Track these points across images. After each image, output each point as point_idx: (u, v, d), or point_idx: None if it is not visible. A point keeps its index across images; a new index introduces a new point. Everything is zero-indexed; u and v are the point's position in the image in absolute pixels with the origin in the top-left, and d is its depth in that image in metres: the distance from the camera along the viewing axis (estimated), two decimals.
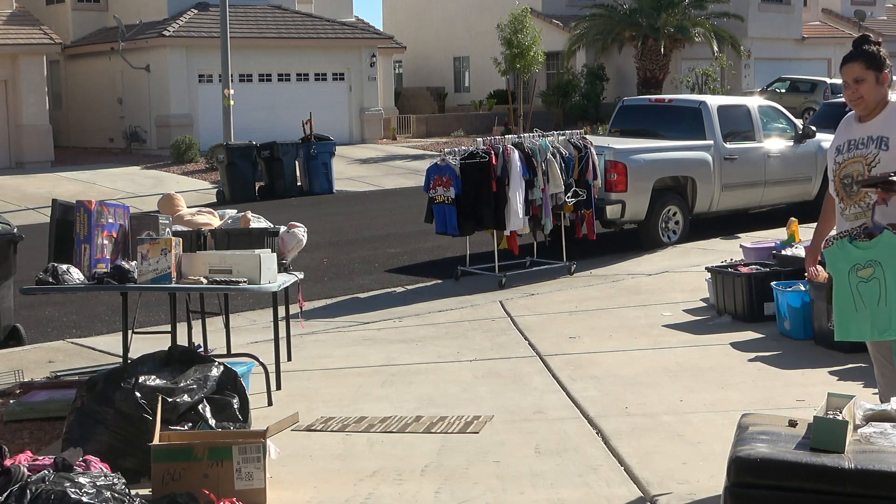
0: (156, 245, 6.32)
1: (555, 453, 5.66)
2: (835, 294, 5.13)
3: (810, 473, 3.92)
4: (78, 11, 34.50)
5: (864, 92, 5.27)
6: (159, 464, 4.92)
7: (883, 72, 5.26)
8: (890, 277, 4.93)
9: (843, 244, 5.08)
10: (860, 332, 5.08)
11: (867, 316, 5.00)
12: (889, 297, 4.94)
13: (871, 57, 5.28)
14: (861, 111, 5.36)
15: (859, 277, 5.00)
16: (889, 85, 5.26)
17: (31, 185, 25.06)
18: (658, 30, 36.29)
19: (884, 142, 5.24)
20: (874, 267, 4.96)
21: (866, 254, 4.99)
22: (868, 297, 4.99)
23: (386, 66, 38.35)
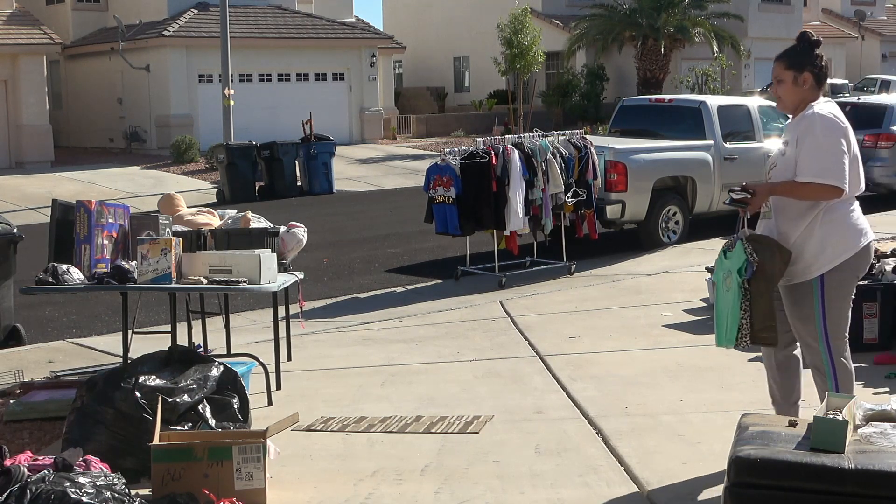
0: (156, 245, 6.32)
1: (555, 453, 5.65)
2: (716, 301, 5.25)
3: (810, 473, 3.92)
4: (78, 11, 34.50)
5: (782, 92, 5.23)
6: (159, 464, 4.92)
7: (802, 73, 5.15)
8: (735, 287, 5.04)
9: (721, 255, 5.19)
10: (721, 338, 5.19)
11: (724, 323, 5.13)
12: (734, 307, 5.05)
13: (792, 57, 5.21)
14: (782, 111, 5.35)
15: (725, 286, 5.13)
16: (809, 86, 5.17)
17: (31, 185, 25.06)
18: (658, 30, 36.28)
19: (786, 145, 5.23)
20: (731, 277, 5.09)
21: (728, 264, 5.12)
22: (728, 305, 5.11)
23: (386, 66, 38.35)
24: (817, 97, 5.20)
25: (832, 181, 4.97)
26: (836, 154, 5.01)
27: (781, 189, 5.09)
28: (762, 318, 5.01)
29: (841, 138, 5.05)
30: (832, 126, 5.05)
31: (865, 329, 7.47)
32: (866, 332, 7.47)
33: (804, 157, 5.03)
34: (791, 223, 5.10)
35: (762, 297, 5.00)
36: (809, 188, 5.01)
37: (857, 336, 7.46)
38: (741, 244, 5.05)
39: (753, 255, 4.99)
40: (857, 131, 17.53)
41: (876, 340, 7.46)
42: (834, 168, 4.98)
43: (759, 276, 4.98)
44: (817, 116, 5.06)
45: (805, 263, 5.06)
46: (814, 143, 5.02)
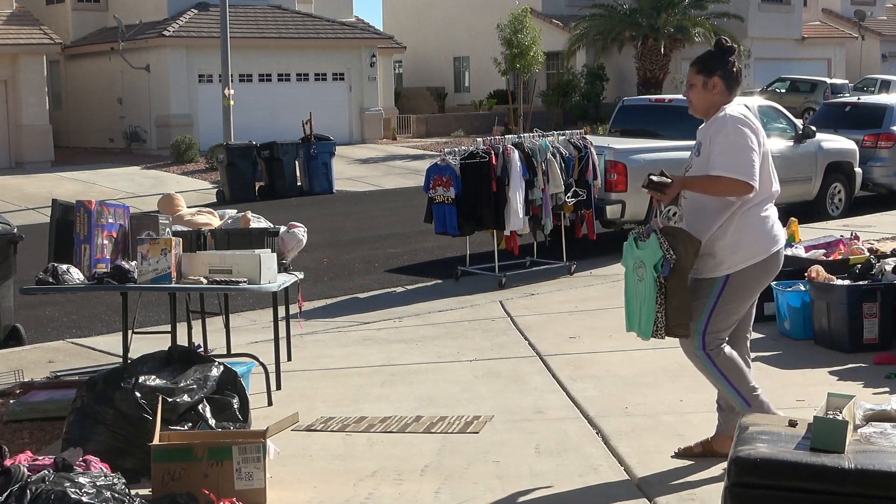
0: (156, 245, 6.32)
1: (555, 453, 5.66)
2: (625, 288, 5.35)
3: (810, 473, 3.92)
4: (78, 11, 34.50)
5: (693, 97, 5.31)
6: (159, 464, 4.92)
7: (712, 78, 5.25)
8: (649, 280, 5.10)
9: (631, 242, 5.24)
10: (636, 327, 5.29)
11: (638, 312, 5.22)
12: (648, 298, 5.13)
13: (703, 62, 5.32)
14: (694, 114, 5.39)
15: (636, 275, 5.20)
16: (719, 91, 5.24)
17: (31, 185, 25.06)
18: (658, 30, 36.28)
19: (699, 147, 5.28)
20: (643, 268, 5.15)
21: (641, 254, 5.16)
22: (640, 295, 5.20)
23: (386, 66, 38.35)
24: (728, 101, 5.28)
25: (742, 176, 5.03)
26: (745, 151, 5.08)
27: (694, 182, 5.15)
28: (676, 314, 5.08)
29: (751, 136, 5.13)
30: (743, 124, 5.14)
31: (865, 329, 7.47)
32: (866, 332, 7.47)
33: (716, 154, 5.11)
34: (705, 223, 5.16)
35: (677, 293, 5.07)
36: (720, 182, 5.06)
37: (857, 336, 7.47)
38: (656, 237, 5.08)
39: (670, 251, 5.03)
40: (857, 131, 17.51)
41: (876, 340, 7.46)
42: (744, 164, 5.05)
43: (676, 271, 5.04)
44: (728, 117, 5.16)
45: (715, 261, 5.16)
46: (725, 140, 5.10)
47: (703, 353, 5.21)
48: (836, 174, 15.31)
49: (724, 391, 5.28)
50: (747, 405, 5.19)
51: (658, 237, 5.06)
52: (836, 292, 7.58)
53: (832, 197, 15.38)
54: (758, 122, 5.24)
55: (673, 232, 5.09)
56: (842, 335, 7.52)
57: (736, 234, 5.14)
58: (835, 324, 7.57)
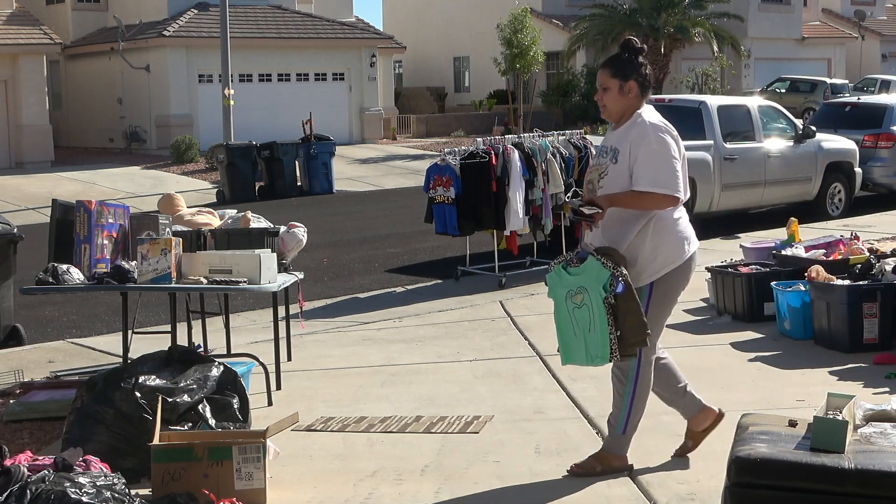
0: (156, 245, 6.32)
1: (555, 453, 5.65)
2: (556, 319, 5.15)
3: (810, 473, 3.93)
4: (78, 11, 34.51)
5: (607, 101, 5.20)
6: (159, 464, 4.92)
7: (628, 81, 5.15)
8: (595, 304, 4.96)
9: (559, 270, 5.08)
10: (579, 358, 5.12)
11: (582, 342, 5.04)
12: (597, 323, 4.97)
13: (617, 65, 5.21)
14: (608, 119, 5.29)
15: (573, 303, 5.02)
16: (635, 95, 5.17)
17: (31, 185, 25.06)
18: (658, 30, 36.28)
19: (616, 154, 5.15)
20: (583, 293, 4.99)
21: (577, 280, 5.00)
22: (581, 323, 5.02)
23: (386, 66, 38.35)
24: (642, 105, 5.20)
25: (670, 191, 5.01)
26: (671, 163, 5.03)
27: (621, 200, 5.06)
28: (634, 332, 4.97)
29: (673, 145, 5.07)
30: (664, 132, 5.08)
31: (865, 329, 7.47)
32: (866, 332, 7.47)
33: (641, 167, 5.03)
34: (620, 231, 5.10)
35: (632, 311, 4.95)
36: (648, 198, 5.02)
37: (857, 336, 7.47)
38: (594, 259, 4.96)
39: (618, 268, 4.93)
40: (857, 131, 17.50)
41: (876, 340, 7.46)
42: (670, 177, 5.01)
43: (628, 290, 4.93)
44: (650, 125, 5.09)
45: (636, 271, 5.10)
46: (648, 152, 5.02)
47: (636, 362, 5.15)
48: (836, 174, 15.32)
49: (620, 407, 5.24)
50: (623, 431, 5.23)
51: (598, 258, 4.95)
52: (836, 292, 7.58)
53: (832, 197, 15.38)
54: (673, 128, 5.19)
55: (608, 251, 5.01)
56: (842, 335, 7.51)
57: (653, 241, 5.10)
58: (835, 324, 7.57)
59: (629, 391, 5.21)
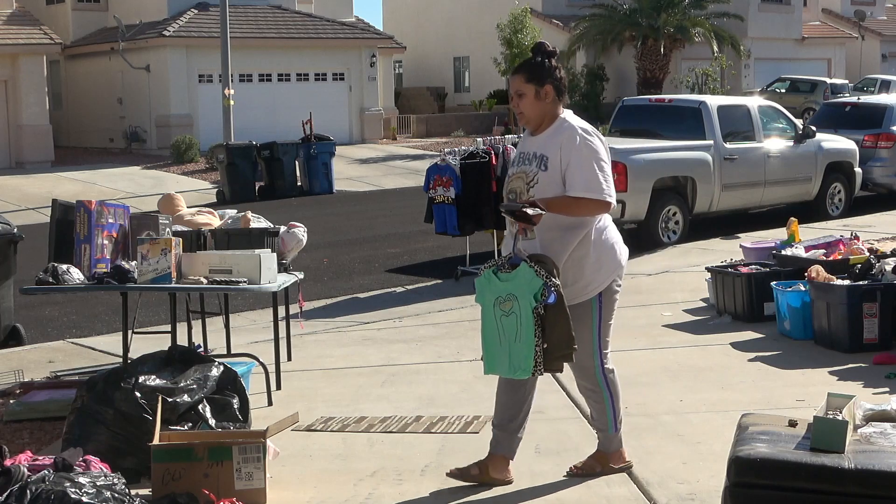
0: (156, 245, 6.32)
1: (555, 453, 5.65)
2: (482, 326, 4.98)
3: (810, 473, 3.92)
4: (78, 11, 34.51)
5: (524, 107, 5.05)
6: (159, 464, 4.92)
7: (544, 86, 5.02)
8: (524, 313, 4.79)
9: (489, 275, 4.92)
10: (502, 367, 4.95)
11: (507, 351, 4.87)
12: (523, 333, 4.80)
13: (531, 70, 5.06)
14: (526, 126, 5.14)
15: (501, 310, 4.85)
16: (551, 99, 5.05)
17: (31, 185, 25.06)
18: (658, 30, 36.30)
19: (544, 161, 5.01)
20: (512, 301, 4.82)
21: (507, 286, 4.83)
22: (508, 332, 4.85)
23: (386, 66, 38.35)
24: (560, 109, 5.10)
25: (605, 196, 4.93)
26: (603, 168, 4.95)
27: (556, 204, 4.91)
28: (559, 345, 4.83)
29: (602, 148, 4.99)
30: (592, 135, 5.01)
31: (865, 329, 7.47)
32: (866, 332, 7.47)
33: (574, 173, 4.92)
34: (559, 241, 4.97)
35: (560, 323, 4.80)
36: (583, 204, 4.92)
37: (857, 336, 7.47)
38: (528, 266, 4.79)
39: (551, 278, 4.77)
40: (857, 131, 17.50)
41: (876, 340, 7.45)
42: (603, 182, 4.93)
43: (560, 301, 4.77)
44: (579, 130, 4.99)
45: (584, 282, 5.02)
46: (581, 157, 4.92)
47: (602, 376, 5.14)
48: (836, 174, 15.32)
49: (603, 412, 5.20)
50: (615, 429, 5.21)
51: (530, 265, 4.78)
52: (836, 292, 7.58)
53: (832, 197, 15.38)
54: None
55: (541, 259, 4.85)
56: (842, 335, 7.51)
57: (597, 252, 5.03)
58: (835, 324, 7.57)
59: (607, 398, 5.17)
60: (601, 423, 5.27)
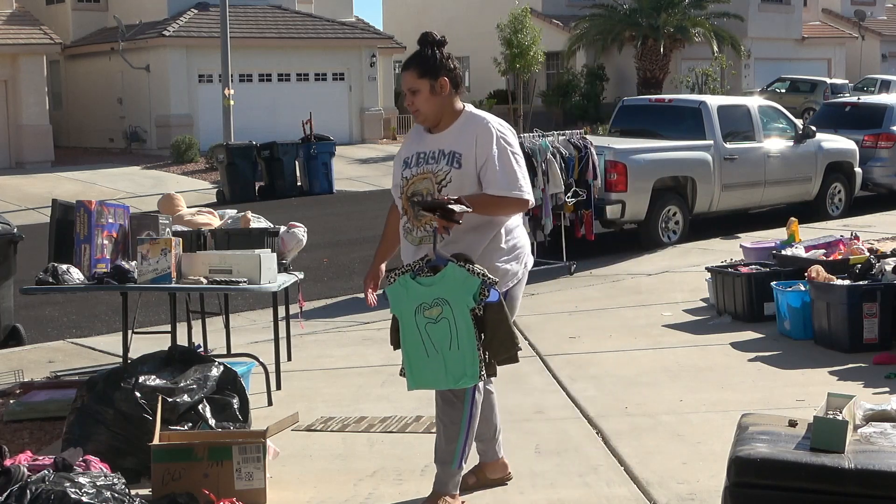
0: (156, 245, 6.32)
1: (555, 453, 5.65)
2: (402, 338, 4.57)
3: (810, 473, 3.92)
4: (78, 11, 34.50)
5: (420, 104, 4.71)
6: (159, 464, 4.92)
7: (438, 79, 4.67)
8: (459, 317, 4.42)
9: (406, 281, 4.51)
10: (435, 380, 4.53)
11: (440, 361, 4.47)
12: (461, 339, 4.43)
13: (423, 63, 4.71)
14: (423, 123, 4.80)
15: (426, 318, 4.46)
16: (448, 92, 4.71)
17: (31, 185, 25.06)
18: (658, 30, 36.31)
19: (456, 158, 4.65)
20: (441, 306, 4.43)
21: (431, 291, 4.44)
22: (438, 340, 4.46)
23: (386, 66, 38.34)
24: (458, 101, 4.78)
25: (525, 194, 4.68)
26: (519, 163, 4.69)
27: (477, 203, 4.56)
28: (503, 345, 4.52)
29: (515, 142, 4.75)
30: (505, 129, 4.74)
31: (865, 329, 7.47)
32: (866, 332, 7.47)
33: (493, 170, 4.61)
34: (474, 240, 4.66)
35: (503, 322, 4.50)
36: (504, 203, 4.64)
37: (857, 336, 7.47)
38: (457, 267, 4.44)
39: (487, 275, 4.43)
40: (857, 131, 17.50)
41: (876, 340, 7.45)
42: (521, 179, 4.68)
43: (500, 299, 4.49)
44: (493, 124, 4.71)
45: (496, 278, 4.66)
46: (500, 154, 4.63)
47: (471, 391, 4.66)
48: (836, 174, 15.32)
49: (452, 438, 4.68)
50: (459, 466, 4.72)
51: (461, 265, 4.44)
52: (836, 292, 7.58)
53: (832, 197, 15.38)
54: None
55: (467, 258, 4.52)
56: (842, 335, 7.51)
57: (506, 251, 4.75)
58: (835, 324, 7.57)
59: (465, 417, 4.68)
60: (446, 452, 4.72)
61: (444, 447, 4.72)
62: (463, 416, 4.67)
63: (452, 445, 4.69)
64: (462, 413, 4.67)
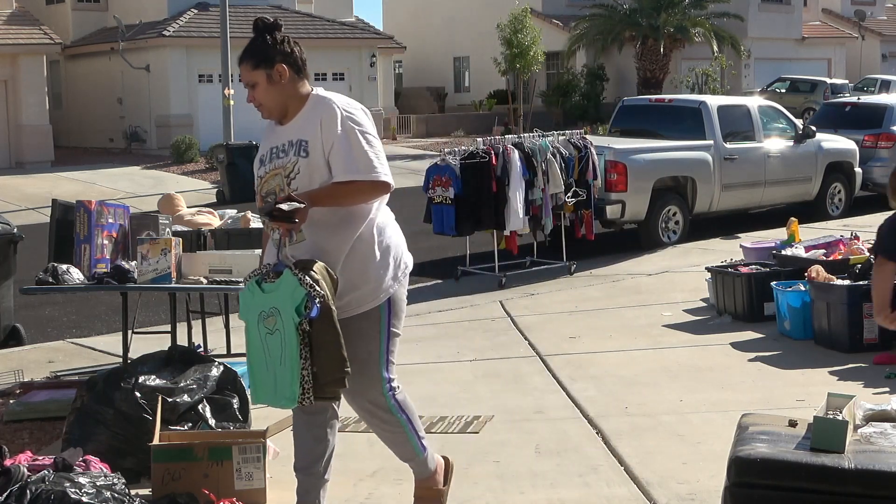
0: (156, 245, 6.33)
1: (555, 453, 5.65)
2: (247, 348, 4.21)
3: (810, 473, 3.92)
4: (78, 11, 34.51)
5: (261, 97, 4.31)
6: (159, 464, 4.92)
7: (274, 66, 4.25)
8: (287, 330, 4.01)
9: (252, 287, 4.14)
10: (267, 396, 4.17)
11: (273, 377, 4.09)
12: (288, 354, 4.03)
13: (255, 53, 4.30)
14: (269, 117, 4.39)
15: (265, 328, 4.08)
16: (288, 78, 4.29)
17: (31, 185, 25.05)
18: (658, 30, 36.30)
19: (303, 146, 4.22)
20: (275, 316, 4.04)
21: (269, 298, 4.06)
22: (273, 352, 4.07)
23: (386, 66, 38.36)
24: (304, 86, 4.33)
25: (379, 175, 4.17)
26: (373, 144, 4.21)
27: (323, 196, 4.13)
28: (335, 368, 4.07)
29: (370, 124, 4.28)
30: (355, 108, 4.29)
31: (865, 329, 7.47)
32: (866, 332, 7.47)
33: (340, 153, 4.15)
34: (335, 240, 4.22)
35: (328, 341, 4.05)
36: (355, 188, 4.15)
37: (858, 336, 7.47)
38: (291, 274, 4.02)
39: (315, 287, 3.99)
40: (857, 131, 17.49)
41: (876, 340, 7.45)
42: (376, 160, 4.18)
43: (324, 314, 4.01)
44: (336, 104, 4.24)
45: (372, 286, 4.29)
46: (346, 134, 4.17)
47: (393, 400, 4.37)
48: (836, 174, 15.32)
49: (405, 441, 4.47)
50: (423, 450, 4.53)
51: (294, 273, 4.02)
52: (836, 292, 7.58)
53: (832, 197, 15.38)
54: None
55: (307, 264, 4.09)
56: (842, 335, 7.52)
57: (381, 249, 4.30)
58: (835, 324, 7.57)
59: (405, 422, 4.43)
60: (406, 453, 4.55)
61: (402, 450, 4.55)
62: (401, 419, 4.42)
63: (408, 445, 4.50)
64: (398, 420, 4.42)
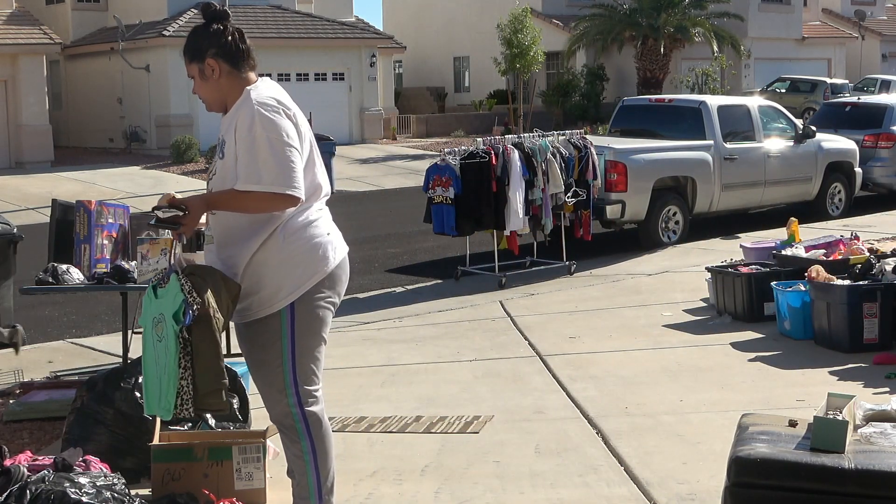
0: (156, 245, 6.33)
1: (555, 453, 5.65)
2: (143, 356, 4.11)
3: (810, 473, 3.92)
4: (78, 11, 34.49)
5: (198, 92, 4.20)
6: (159, 464, 4.92)
7: (204, 60, 4.09)
8: (169, 337, 3.90)
9: (150, 292, 4.02)
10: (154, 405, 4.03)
11: (158, 384, 3.98)
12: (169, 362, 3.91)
13: (188, 46, 4.17)
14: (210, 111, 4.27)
15: (157, 335, 3.97)
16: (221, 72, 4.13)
17: (31, 185, 25.05)
18: (658, 30, 36.31)
19: (222, 147, 4.11)
20: (162, 323, 3.94)
21: (159, 304, 3.97)
22: (160, 361, 3.96)
23: (386, 66, 38.35)
24: (247, 80, 4.14)
25: (280, 188, 3.94)
26: (280, 152, 3.95)
27: (219, 201, 4.03)
28: (210, 379, 3.96)
29: (284, 126, 4.00)
30: (272, 111, 4.00)
31: (865, 329, 7.47)
32: (866, 332, 7.47)
33: (243, 159, 3.96)
34: (239, 245, 4.08)
35: (208, 351, 3.93)
36: (253, 198, 3.96)
37: (858, 336, 7.47)
38: (176, 279, 3.92)
39: (193, 294, 3.89)
40: (857, 131, 17.53)
41: (876, 340, 7.45)
42: (281, 171, 3.94)
43: (202, 322, 3.90)
44: (252, 104, 4.00)
45: (269, 291, 4.08)
46: (251, 139, 3.95)
47: (298, 410, 4.12)
48: (836, 174, 15.33)
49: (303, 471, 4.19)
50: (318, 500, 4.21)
51: (179, 278, 3.92)
52: (836, 292, 7.58)
53: (832, 197, 15.39)
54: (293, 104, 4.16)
55: (200, 271, 3.99)
56: (842, 335, 7.51)
57: (283, 254, 4.06)
58: (835, 324, 7.57)
59: (307, 449, 4.17)
60: (301, 489, 4.23)
61: (298, 480, 4.25)
62: (303, 448, 4.17)
63: (304, 479, 4.21)
64: (301, 446, 4.17)
